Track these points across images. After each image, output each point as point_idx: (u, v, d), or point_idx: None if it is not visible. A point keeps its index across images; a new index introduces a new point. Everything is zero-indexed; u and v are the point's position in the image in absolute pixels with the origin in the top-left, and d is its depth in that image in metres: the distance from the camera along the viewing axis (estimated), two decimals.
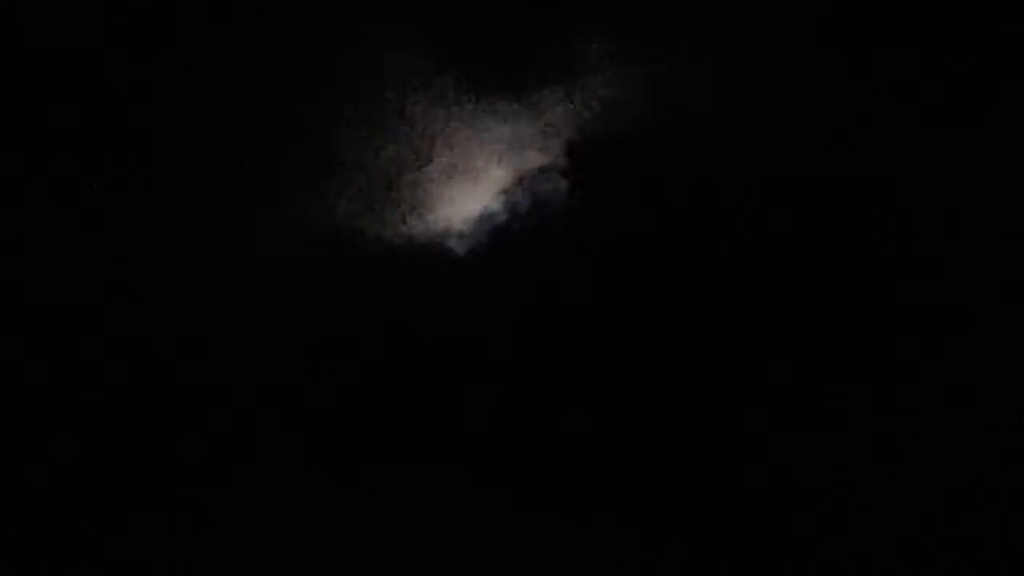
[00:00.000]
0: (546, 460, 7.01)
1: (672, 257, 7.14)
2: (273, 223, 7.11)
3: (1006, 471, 6.85)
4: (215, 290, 7.06)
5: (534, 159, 7.31)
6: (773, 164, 7.12)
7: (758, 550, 6.90)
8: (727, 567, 6.89)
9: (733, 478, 6.96)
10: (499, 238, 7.24)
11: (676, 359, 7.09)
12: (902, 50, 7.14)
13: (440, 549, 6.86)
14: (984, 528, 6.83)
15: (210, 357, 7.02)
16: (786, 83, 7.16)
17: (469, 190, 7.30)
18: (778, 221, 7.11)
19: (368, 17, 7.16)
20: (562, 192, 7.26)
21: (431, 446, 7.00)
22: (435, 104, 7.23)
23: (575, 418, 7.04)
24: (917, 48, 7.14)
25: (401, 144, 7.21)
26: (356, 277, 7.11)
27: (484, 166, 7.29)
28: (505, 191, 7.30)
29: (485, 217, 7.27)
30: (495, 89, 7.24)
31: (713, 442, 7.01)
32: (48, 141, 7.00)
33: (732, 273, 7.10)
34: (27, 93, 6.98)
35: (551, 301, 7.10)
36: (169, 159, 7.07)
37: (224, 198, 7.11)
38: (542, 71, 7.24)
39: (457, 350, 7.06)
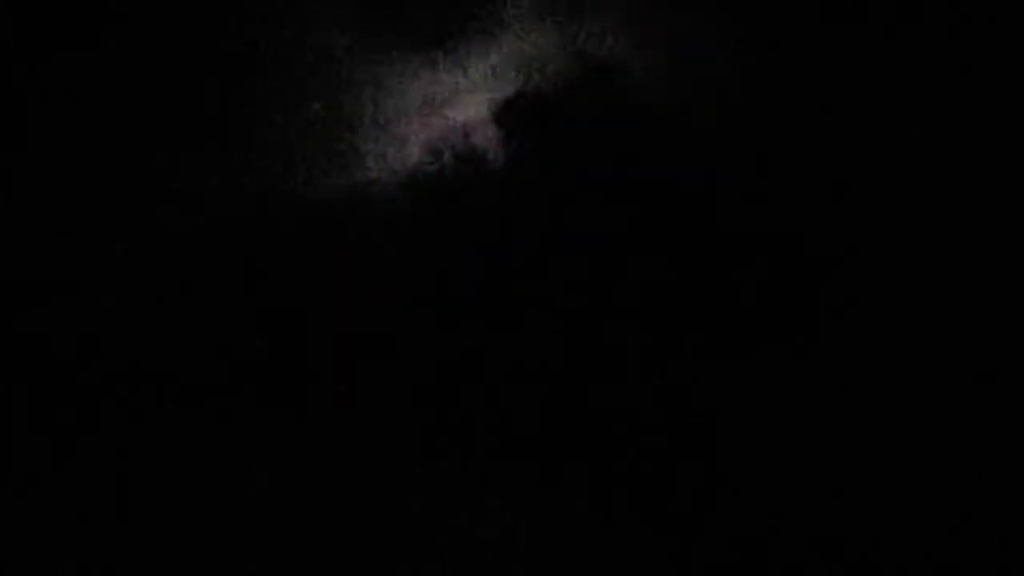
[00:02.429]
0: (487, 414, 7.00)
1: (596, 209, 7.16)
2: (193, 180, 7.12)
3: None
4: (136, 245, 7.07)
5: (459, 115, 7.38)
6: (692, 114, 7.21)
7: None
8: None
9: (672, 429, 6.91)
10: (425, 192, 7.33)
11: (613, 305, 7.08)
12: None
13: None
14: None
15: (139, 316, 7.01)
16: (707, 34, 7.27)
17: (395, 146, 7.36)
18: (699, 164, 7.20)
19: None
20: (487, 146, 7.37)
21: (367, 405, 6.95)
22: (359, 60, 7.33)
23: (517, 373, 7.02)
24: None
25: (325, 100, 7.30)
26: (283, 234, 7.14)
27: (408, 122, 7.36)
28: (430, 146, 7.39)
29: (411, 172, 7.35)
30: (419, 45, 7.36)
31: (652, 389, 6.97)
32: None
33: (659, 219, 7.14)
34: None
35: (476, 254, 7.17)
36: (87, 113, 7.15)
37: (144, 158, 7.13)
38: (466, 27, 7.37)
39: (385, 306, 7.07)
